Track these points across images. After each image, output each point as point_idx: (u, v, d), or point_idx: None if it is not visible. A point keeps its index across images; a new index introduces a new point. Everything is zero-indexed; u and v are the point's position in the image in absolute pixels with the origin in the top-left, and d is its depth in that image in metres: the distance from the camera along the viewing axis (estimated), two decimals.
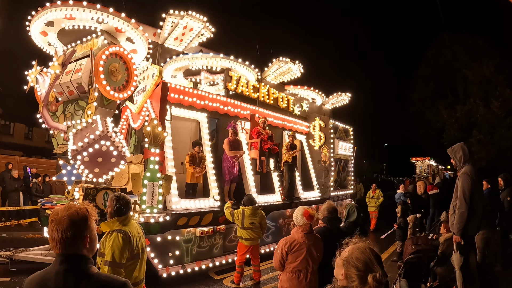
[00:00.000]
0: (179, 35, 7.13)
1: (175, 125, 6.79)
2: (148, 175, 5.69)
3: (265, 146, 7.24)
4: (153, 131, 5.81)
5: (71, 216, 1.41)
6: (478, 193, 4.14)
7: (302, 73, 8.64)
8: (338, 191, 9.65)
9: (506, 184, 6.29)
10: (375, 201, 10.31)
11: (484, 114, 19.80)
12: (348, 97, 10.36)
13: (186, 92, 6.68)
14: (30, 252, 6.03)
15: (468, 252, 4.12)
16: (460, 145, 4.32)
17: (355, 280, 1.51)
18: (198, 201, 6.19)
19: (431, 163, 32.88)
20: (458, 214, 4.03)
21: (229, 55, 7.38)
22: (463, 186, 4.04)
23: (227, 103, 7.31)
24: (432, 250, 4.69)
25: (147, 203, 5.64)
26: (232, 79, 7.52)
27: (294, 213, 3.30)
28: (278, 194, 7.71)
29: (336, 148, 9.61)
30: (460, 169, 4.27)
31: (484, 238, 5.11)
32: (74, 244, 1.42)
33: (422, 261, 4.53)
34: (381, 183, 26.93)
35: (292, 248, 3.08)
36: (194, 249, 5.94)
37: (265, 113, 8.15)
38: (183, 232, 5.79)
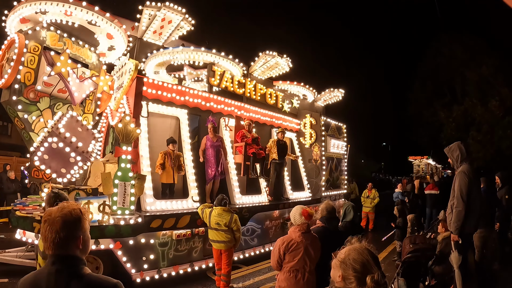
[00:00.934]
0: (157, 28, 6.83)
1: (153, 122, 6.49)
2: (119, 175, 5.38)
3: (250, 151, 6.91)
4: (125, 128, 5.49)
5: (65, 216, 1.41)
6: (476, 192, 4.13)
7: (291, 68, 8.28)
8: (330, 191, 9.26)
9: (503, 183, 6.20)
10: (371, 201, 9.89)
11: (482, 114, 19.89)
12: (341, 93, 9.97)
13: (165, 87, 6.37)
14: (5, 254, 5.76)
15: (466, 251, 4.12)
16: (457, 144, 4.32)
17: (353, 281, 1.50)
18: (175, 202, 5.86)
19: (429, 162, 32.91)
20: (455, 212, 4.03)
21: (212, 49, 7.05)
22: (460, 184, 4.05)
23: (209, 99, 6.98)
24: (430, 249, 4.71)
25: (119, 204, 5.34)
26: (216, 74, 7.19)
27: (291, 213, 3.27)
28: (264, 194, 7.34)
29: (328, 146, 9.22)
30: (457, 168, 4.28)
31: (481, 237, 5.01)
32: (67, 244, 1.41)
33: (420, 260, 4.54)
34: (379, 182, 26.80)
35: (289, 248, 3.07)
36: (170, 253, 5.62)
37: (251, 110, 7.81)
38: (158, 235, 5.48)
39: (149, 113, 6.34)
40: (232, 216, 4.90)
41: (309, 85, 9.43)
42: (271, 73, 8.39)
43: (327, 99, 10.18)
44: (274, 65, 7.97)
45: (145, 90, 6.14)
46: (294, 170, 8.89)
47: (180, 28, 6.86)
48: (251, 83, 7.92)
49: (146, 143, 5.97)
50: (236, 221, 4.92)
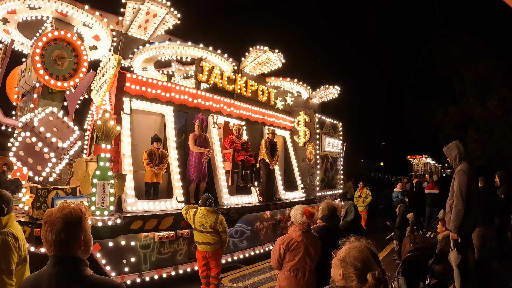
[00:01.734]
0: (142, 22, 6.62)
1: (136, 119, 6.29)
2: (98, 174, 5.17)
3: (238, 158, 6.70)
4: (105, 125, 5.29)
5: (65, 217, 1.39)
6: (474, 191, 4.16)
7: (283, 63, 8.04)
8: (325, 191, 8.98)
9: (502, 182, 6.26)
10: (363, 201, 9.61)
11: (480, 113, 19.96)
12: (337, 90, 9.70)
13: (150, 83, 6.15)
14: None
15: (465, 249, 4.15)
16: (455, 144, 4.38)
17: (354, 279, 1.51)
18: (158, 203, 5.63)
19: (428, 161, 33.05)
20: (455, 211, 4.07)
21: (199, 43, 6.83)
22: (460, 183, 4.08)
23: (197, 96, 6.75)
24: (430, 248, 4.75)
25: (97, 205, 5.13)
26: (204, 69, 6.96)
27: (292, 211, 3.28)
28: (255, 194, 7.08)
29: (323, 144, 8.94)
30: (456, 167, 4.32)
31: (480, 236, 5.06)
32: (68, 246, 1.40)
33: (420, 259, 4.58)
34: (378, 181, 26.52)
35: (289, 247, 3.07)
36: (153, 256, 5.40)
37: (242, 107, 7.57)
38: (140, 237, 5.26)
39: (133, 110, 6.12)
40: (217, 217, 4.61)
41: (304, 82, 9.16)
42: (263, 69, 8.15)
43: (322, 96, 9.91)
44: (266, 60, 7.72)
45: (128, 86, 5.94)
46: (287, 170, 8.64)
47: (165, 22, 6.64)
48: (242, 79, 7.68)
49: (128, 141, 5.76)
50: (222, 222, 4.63)
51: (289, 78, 8.76)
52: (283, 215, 7.52)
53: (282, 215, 7.48)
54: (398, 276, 4.54)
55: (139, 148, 6.12)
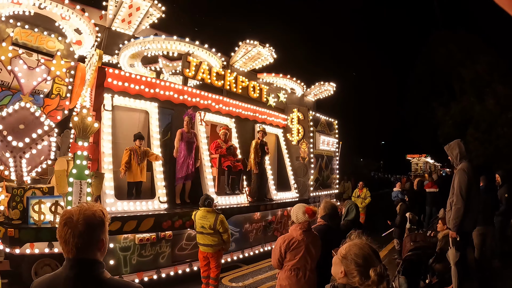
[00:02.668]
0: (125, 16, 6.46)
1: (119, 116, 6.10)
2: (74, 172, 4.97)
3: (225, 163, 6.48)
4: (82, 122, 5.09)
5: (88, 219, 1.35)
6: (475, 190, 4.18)
7: (275, 58, 7.84)
8: (319, 191, 8.74)
9: (503, 181, 6.26)
10: (361, 201, 9.32)
11: (480, 112, 20.20)
12: (333, 87, 9.48)
13: (133, 79, 5.97)
14: None
15: (464, 248, 4.21)
16: (456, 142, 4.41)
17: (356, 276, 1.53)
18: (139, 203, 5.43)
19: (428, 160, 33.29)
20: (454, 210, 4.11)
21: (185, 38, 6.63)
22: (460, 182, 4.11)
23: (183, 92, 6.55)
24: (431, 247, 4.78)
25: (74, 205, 4.91)
26: (191, 65, 6.76)
27: (292, 211, 3.29)
28: (244, 195, 6.86)
29: (317, 143, 8.70)
30: (457, 165, 4.35)
31: (480, 235, 5.07)
32: (89, 248, 1.36)
33: (420, 258, 4.63)
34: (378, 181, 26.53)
35: (290, 246, 3.09)
36: (134, 259, 5.20)
37: (231, 103, 7.36)
38: (119, 238, 5.07)
39: (115, 107, 5.95)
40: (217, 217, 4.54)
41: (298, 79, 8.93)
42: (254, 65, 7.94)
43: (317, 94, 9.69)
44: (256, 55, 7.52)
45: (110, 82, 5.75)
46: (280, 169, 8.42)
47: (149, 16, 6.48)
48: (232, 75, 7.47)
49: (109, 139, 5.57)
50: (223, 222, 4.54)
51: (282, 74, 8.53)
52: (275, 216, 7.30)
53: (273, 216, 7.25)
54: (398, 275, 4.56)
55: (122, 146, 5.93)
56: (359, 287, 1.55)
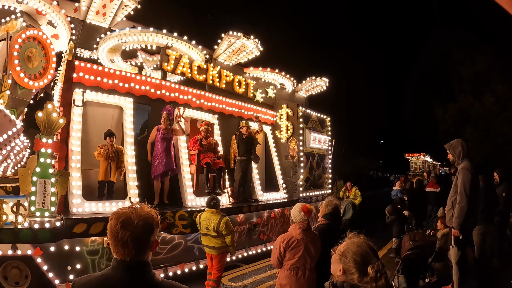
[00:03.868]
0: (99, 8, 6.30)
1: (91, 112, 5.96)
2: (38, 171, 4.84)
3: (204, 160, 6.25)
4: (47, 118, 4.94)
5: (147, 222, 1.39)
6: (475, 189, 4.28)
7: (261, 51, 7.61)
8: (310, 192, 8.47)
9: (501, 180, 6.33)
10: None
11: (478, 110, 20.70)
12: (325, 82, 9.22)
13: (106, 73, 5.82)
14: None
15: (465, 247, 4.28)
16: (459, 141, 4.52)
17: (355, 273, 1.59)
18: (109, 204, 5.25)
19: (426, 159, 33.62)
20: (458, 208, 4.15)
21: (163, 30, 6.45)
22: (464, 181, 4.18)
23: (161, 86, 6.38)
24: (430, 246, 4.93)
25: (37, 205, 4.80)
26: (170, 58, 6.58)
27: (291, 210, 3.40)
28: (225, 196, 6.64)
29: (307, 140, 8.44)
30: (459, 164, 4.44)
31: (480, 234, 5.15)
32: (145, 250, 1.41)
33: (420, 257, 4.76)
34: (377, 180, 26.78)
35: (289, 245, 3.16)
36: (103, 263, 5.04)
37: (214, 99, 7.17)
38: (86, 241, 4.89)
39: (87, 102, 5.80)
40: (220, 219, 4.57)
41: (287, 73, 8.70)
42: (239, 58, 7.72)
43: (309, 89, 9.44)
44: (241, 48, 7.30)
45: (81, 76, 5.62)
46: (268, 168, 8.20)
47: (124, 7, 6.31)
48: (215, 69, 7.27)
49: (78, 136, 5.41)
50: (226, 224, 4.56)
51: (270, 68, 8.29)
52: (261, 218, 7.06)
53: (259, 219, 7.02)
54: (398, 274, 4.65)
55: (93, 143, 5.78)
56: (358, 284, 1.60)
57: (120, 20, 6.63)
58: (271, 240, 7.33)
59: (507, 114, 19.43)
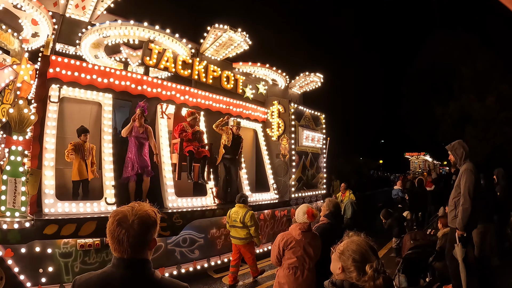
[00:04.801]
0: (78, 1, 6.26)
1: (68, 108, 5.91)
2: (8, 169, 4.79)
3: (186, 148, 6.12)
4: (19, 114, 4.89)
5: (143, 220, 1.43)
6: (478, 190, 4.39)
7: (250, 45, 7.48)
8: (303, 192, 8.31)
9: (501, 179, 6.41)
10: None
11: (478, 110, 21.35)
12: (319, 78, 9.07)
13: (84, 68, 5.78)
14: None
15: (465, 246, 4.36)
16: (460, 142, 4.63)
17: (353, 271, 1.65)
18: (83, 204, 5.17)
19: (427, 158, 34.14)
20: (462, 210, 4.27)
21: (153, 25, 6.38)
22: (468, 182, 4.31)
23: (142, 81, 6.30)
24: (430, 245, 5.05)
25: (8, 204, 4.77)
26: (153, 52, 6.50)
27: (297, 210, 3.47)
28: (210, 196, 6.52)
29: (300, 138, 8.28)
30: (461, 165, 4.56)
31: (481, 233, 5.26)
32: (143, 248, 1.44)
33: (420, 256, 4.91)
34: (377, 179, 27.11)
35: (288, 244, 3.27)
36: (76, 266, 4.96)
37: (199, 95, 7.09)
38: (59, 243, 4.84)
39: (64, 98, 5.76)
40: (246, 212, 5.45)
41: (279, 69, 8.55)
42: (227, 52, 7.61)
43: (303, 85, 9.30)
44: (228, 41, 7.19)
45: (58, 71, 5.59)
46: (258, 167, 8.07)
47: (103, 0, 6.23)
48: (201, 64, 7.17)
49: (53, 133, 5.35)
50: (251, 217, 5.41)
51: (260, 63, 8.16)
52: None
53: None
54: (398, 274, 4.79)
55: (70, 141, 5.69)
56: (356, 282, 1.64)
57: (100, 13, 6.55)
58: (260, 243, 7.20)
59: (507, 113, 19.94)
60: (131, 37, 6.56)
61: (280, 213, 7.61)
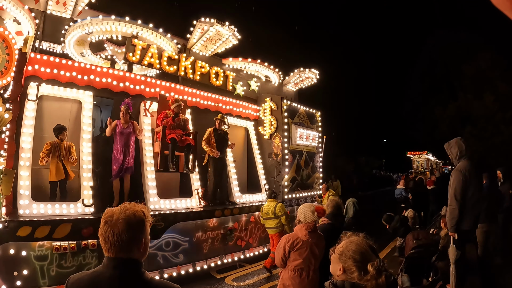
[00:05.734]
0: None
1: (48, 107, 5.94)
2: None
3: (169, 136, 6.05)
4: None
5: (128, 218, 1.47)
6: (474, 189, 4.42)
7: (239, 39, 7.44)
8: (297, 193, 8.20)
9: (505, 177, 6.42)
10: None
11: (478, 108, 21.93)
12: (315, 74, 8.97)
13: (63, 65, 5.81)
14: None
15: (464, 246, 4.47)
16: (455, 140, 4.67)
17: (355, 271, 1.68)
18: (59, 206, 5.17)
19: (429, 157, 34.42)
20: (449, 210, 4.47)
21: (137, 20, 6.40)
22: (454, 183, 4.44)
23: (124, 78, 6.31)
24: (433, 244, 5.14)
25: None
26: (136, 48, 6.50)
27: (300, 210, 3.48)
28: (196, 198, 6.46)
29: (293, 136, 8.18)
30: (456, 164, 4.65)
31: (484, 232, 5.27)
32: (129, 247, 1.47)
33: (423, 255, 4.98)
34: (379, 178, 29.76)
35: (294, 246, 3.29)
36: (52, 269, 4.97)
37: (186, 92, 7.08)
38: (34, 246, 4.85)
39: (44, 97, 5.80)
40: (276, 204, 6.28)
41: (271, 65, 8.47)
42: (215, 48, 7.57)
43: (298, 82, 9.20)
44: (216, 36, 7.15)
45: (37, 69, 5.65)
46: (250, 167, 7.99)
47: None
48: (188, 60, 7.15)
49: (30, 132, 5.37)
50: (281, 207, 6.27)
51: (251, 58, 8.09)
52: (237, 222, 6.86)
53: (236, 223, 6.82)
54: (401, 273, 4.91)
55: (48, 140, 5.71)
56: (358, 282, 1.67)
57: (82, 9, 6.59)
58: (251, 246, 7.13)
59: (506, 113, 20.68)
60: (114, 33, 6.57)
61: None
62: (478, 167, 4.72)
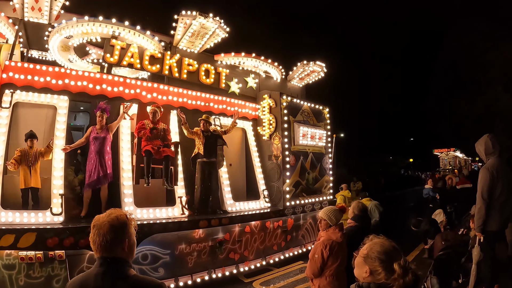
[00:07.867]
0: (32, 3, 6.78)
1: (23, 114, 6.33)
2: None
3: (144, 148, 6.15)
4: None
5: (112, 221, 1.82)
6: (502, 187, 4.66)
7: (228, 32, 7.47)
8: (302, 199, 7.87)
9: None
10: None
11: (507, 101, 22.13)
12: (321, 67, 8.75)
13: (37, 70, 6.22)
14: None
15: (491, 247, 4.68)
16: (484, 138, 4.96)
17: (381, 272, 1.84)
18: (27, 214, 5.41)
19: (457, 154, 34.47)
20: (476, 210, 4.75)
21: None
22: (481, 181, 4.72)
23: (101, 80, 6.57)
24: (462, 245, 5.42)
25: None
26: (114, 48, 6.78)
27: (324, 214, 3.78)
28: (179, 206, 6.45)
29: (296, 136, 7.91)
30: (486, 162, 4.94)
31: None
32: (113, 247, 1.79)
33: (451, 257, 5.23)
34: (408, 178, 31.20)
35: (332, 250, 3.53)
36: (21, 279, 5.25)
37: (171, 92, 7.17)
38: (1, 254, 5.14)
39: (18, 103, 6.18)
40: None
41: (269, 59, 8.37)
42: (203, 43, 7.65)
43: (303, 77, 9.00)
44: (201, 30, 7.23)
45: (12, 76, 6.06)
46: (249, 171, 7.85)
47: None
48: (173, 58, 7.30)
49: (2, 140, 5.74)
50: None
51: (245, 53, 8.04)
52: (229, 234, 6.73)
53: (227, 234, 6.69)
54: (430, 276, 5.08)
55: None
56: (386, 282, 1.82)
57: (57, 13, 7.03)
58: (246, 259, 6.94)
59: None
60: (92, 34, 6.90)
61: (273, 224, 7.30)
62: (508, 164, 4.91)
